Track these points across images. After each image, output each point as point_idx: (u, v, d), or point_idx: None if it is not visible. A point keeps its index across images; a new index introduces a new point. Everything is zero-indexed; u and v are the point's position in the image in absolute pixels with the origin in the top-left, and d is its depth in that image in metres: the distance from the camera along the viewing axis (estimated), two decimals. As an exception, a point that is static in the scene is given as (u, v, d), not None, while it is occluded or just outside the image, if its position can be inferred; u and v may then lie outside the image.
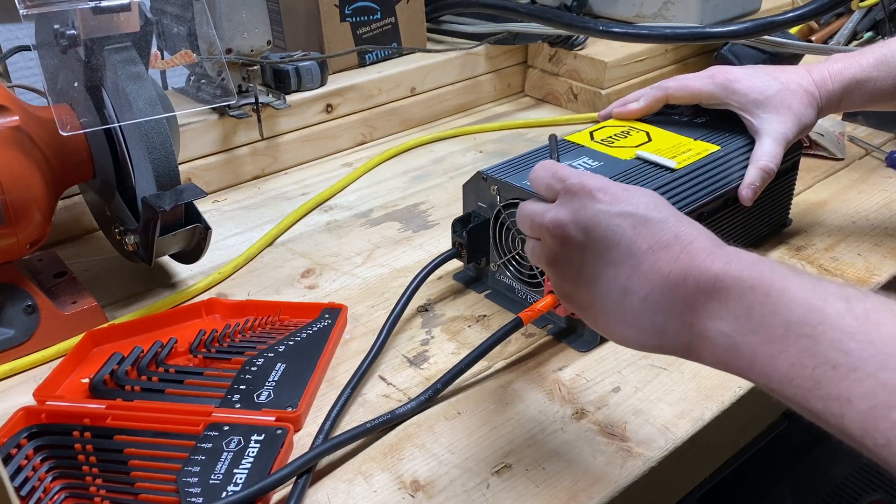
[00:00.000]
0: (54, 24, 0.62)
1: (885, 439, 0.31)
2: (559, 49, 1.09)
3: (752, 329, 0.37)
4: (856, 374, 0.33)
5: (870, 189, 0.84)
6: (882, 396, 0.32)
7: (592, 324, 0.46)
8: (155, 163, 0.61)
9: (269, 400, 0.55)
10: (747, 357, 0.37)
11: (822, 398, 0.34)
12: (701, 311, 0.39)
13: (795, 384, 0.35)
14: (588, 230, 0.43)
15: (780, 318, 0.36)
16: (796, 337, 0.35)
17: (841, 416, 0.33)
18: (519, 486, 0.49)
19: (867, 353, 0.33)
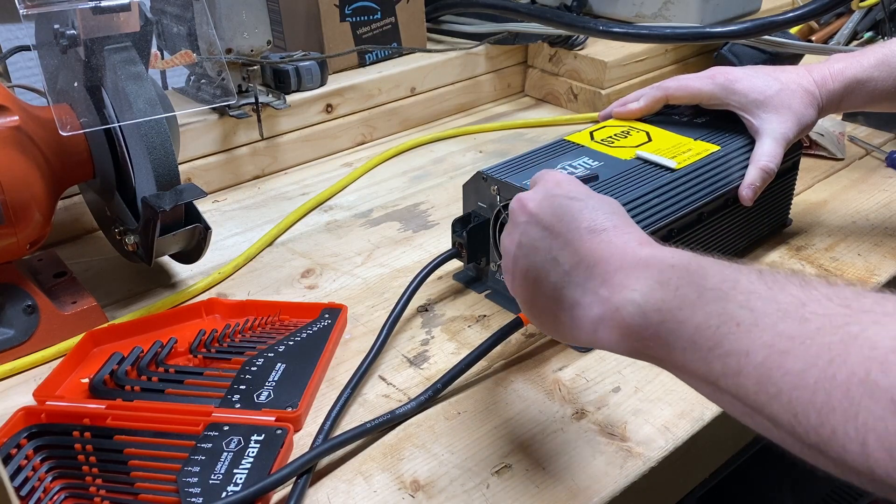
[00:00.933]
0: (54, 24, 0.62)
1: (776, 388, 0.32)
2: (559, 49, 1.09)
3: (664, 298, 0.38)
4: (757, 328, 0.34)
5: (870, 189, 0.84)
6: (778, 345, 0.33)
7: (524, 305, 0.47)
8: (155, 163, 0.61)
9: (269, 400, 0.55)
10: (653, 326, 0.38)
11: (722, 356, 0.35)
12: (617, 286, 0.41)
13: (697, 347, 0.36)
14: (542, 206, 0.46)
15: (694, 286, 0.37)
16: (706, 301, 0.36)
17: (738, 372, 0.34)
18: (519, 486, 0.49)
19: (770, 309, 0.34)
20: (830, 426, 0.30)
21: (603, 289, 0.41)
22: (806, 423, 0.31)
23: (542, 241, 0.45)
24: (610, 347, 0.42)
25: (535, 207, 0.46)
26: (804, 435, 0.31)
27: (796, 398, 0.31)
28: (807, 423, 0.31)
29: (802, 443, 0.31)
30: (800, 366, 0.31)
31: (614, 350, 0.42)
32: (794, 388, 0.31)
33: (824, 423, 0.30)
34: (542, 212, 0.46)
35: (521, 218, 0.47)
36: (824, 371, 0.30)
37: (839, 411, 0.29)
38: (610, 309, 0.40)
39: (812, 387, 0.31)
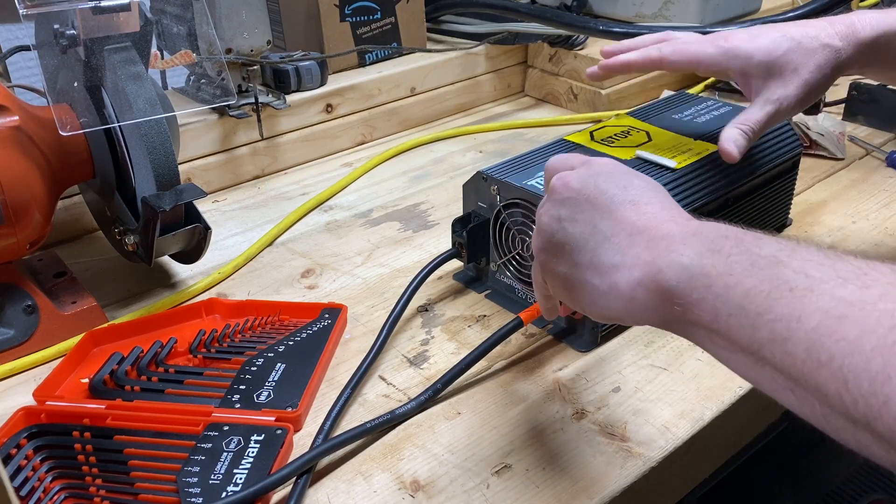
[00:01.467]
0: (54, 24, 0.62)
1: (827, 355, 0.31)
2: (559, 49, 1.09)
3: (714, 263, 0.37)
4: (812, 292, 0.32)
5: (870, 189, 0.84)
6: (834, 310, 0.31)
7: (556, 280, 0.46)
8: (155, 163, 0.61)
9: (268, 400, 0.55)
10: (699, 289, 0.37)
11: (771, 321, 0.33)
12: (662, 250, 0.39)
13: (744, 313, 0.34)
14: (586, 184, 0.45)
15: (748, 254, 0.36)
16: (760, 268, 0.35)
17: (787, 338, 0.32)
18: (519, 486, 0.49)
19: (828, 275, 0.32)
20: (884, 395, 0.28)
21: (646, 253, 0.40)
22: (856, 392, 0.29)
23: (584, 214, 0.44)
24: (644, 315, 0.40)
25: (578, 184, 0.45)
26: (851, 405, 0.29)
27: (849, 365, 0.29)
28: (857, 391, 0.29)
29: (847, 416, 0.30)
30: (857, 332, 0.30)
31: (648, 319, 0.40)
32: (847, 354, 0.30)
33: (877, 393, 0.28)
34: (585, 187, 0.45)
35: (563, 194, 0.46)
36: (884, 338, 0.29)
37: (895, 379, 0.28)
38: (653, 271, 0.39)
39: (868, 354, 0.29)
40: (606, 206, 0.43)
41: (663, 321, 0.40)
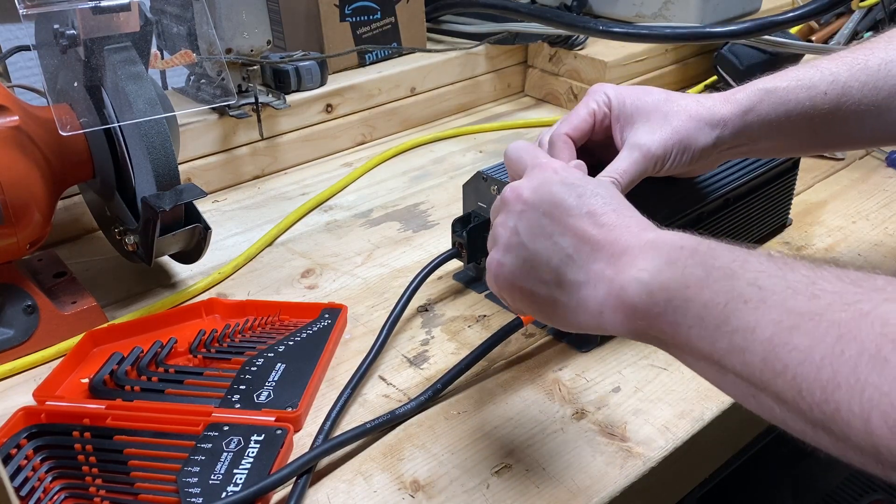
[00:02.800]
0: (54, 24, 0.62)
1: (781, 364, 0.32)
2: (559, 49, 1.09)
3: (672, 276, 0.38)
4: (765, 304, 0.33)
5: (870, 189, 0.84)
6: (786, 321, 0.32)
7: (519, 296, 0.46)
8: (155, 163, 0.61)
9: (268, 400, 0.55)
10: (660, 304, 0.38)
11: (729, 333, 0.34)
12: (623, 266, 0.40)
13: (704, 324, 0.36)
14: (541, 195, 0.45)
15: (703, 265, 0.37)
16: (715, 279, 0.36)
17: (744, 349, 0.34)
18: (519, 486, 0.49)
19: (779, 287, 0.34)
20: (835, 402, 0.29)
21: (609, 269, 0.41)
22: (810, 400, 0.30)
23: (541, 228, 0.44)
24: (614, 329, 0.41)
25: (531, 195, 0.45)
26: (808, 411, 0.31)
27: (801, 374, 0.31)
28: (811, 399, 0.30)
29: (806, 420, 0.31)
30: (807, 342, 0.31)
31: (618, 332, 0.41)
32: (799, 363, 0.31)
33: (828, 400, 0.30)
34: (539, 199, 0.45)
35: (516, 207, 0.46)
36: (832, 347, 0.30)
37: (844, 387, 0.29)
38: (615, 288, 0.40)
39: (818, 363, 0.30)
40: (564, 220, 0.43)
41: (632, 334, 0.41)
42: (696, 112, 0.54)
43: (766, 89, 0.55)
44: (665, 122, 0.54)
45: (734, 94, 0.56)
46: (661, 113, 0.54)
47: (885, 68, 0.54)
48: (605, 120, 0.56)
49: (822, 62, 0.56)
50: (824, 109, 0.55)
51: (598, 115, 0.56)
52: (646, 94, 0.56)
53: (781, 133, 0.56)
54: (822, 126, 0.56)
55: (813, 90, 0.55)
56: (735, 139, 0.55)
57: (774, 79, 0.56)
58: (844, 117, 0.55)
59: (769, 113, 0.55)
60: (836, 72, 0.55)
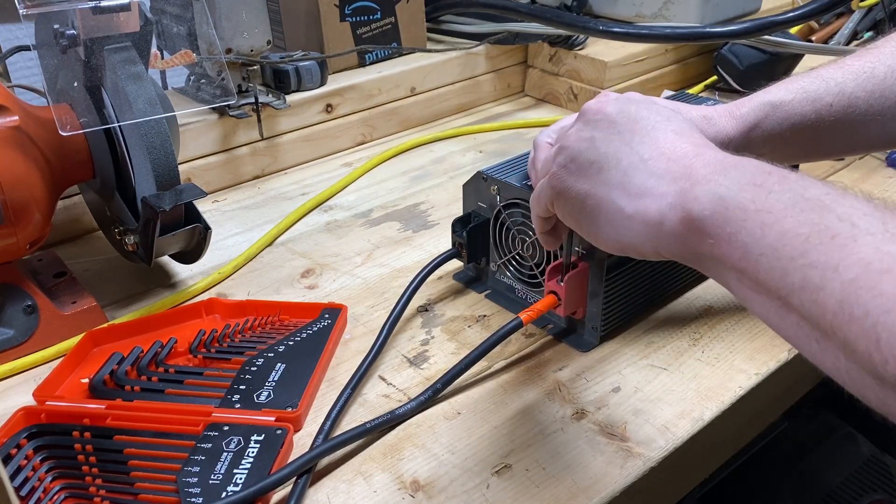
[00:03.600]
0: (54, 24, 0.62)
1: (862, 310, 0.29)
2: (559, 49, 1.09)
3: (753, 198, 0.35)
4: (855, 243, 0.30)
5: (870, 189, 0.84)
6: (877, 263, 0.29)
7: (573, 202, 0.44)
8: (155, 163, 0.61)
9: (268, 400, 0.55)
10: (733, 223, 0.35)
11: (804, 267, 0.31)
12: (702, 179, 0.38)
13: (777, 255, 0.33)
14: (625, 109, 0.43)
15: (791, 193, 0.34)
16: (802, 209, 0.33)
17: (819, 287, 0.31)
18: (519, 486, 0.49)
19: (875, 228, 0.30)
20: None
21: (683, 179, 0.38)
22: (888, 352, 0.28)
23: (620, 135, 0.42)
24: (668, 245, 0.39)
25: (616, 108, 0.43)
26: (881, 364, 0.28)
27: (884, 323, 0.28)
28: (889, 351, 0.28)
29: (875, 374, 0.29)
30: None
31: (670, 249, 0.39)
32: (884, 311, 0.28)
33: None
34: (623, 112, 0.43)
35: (595, 116, 0.44)
36: None
37: None
38: (688, 199, 0.37)
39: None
40: (648, 129, 0.41)
41: (688, 253, 0.38)
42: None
43: (771, 103, 0.54)
44: None
45: (739, 107, 0.55)
46: None
47: (892, 76, 0.53)
48: None
49: (827, 71, 0.55)
50: (830, 121, 0.54)
51: None
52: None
53: (786, 145, 0.55)
54: (826, 136, 0.55)
55: (818, 103, 0.54)
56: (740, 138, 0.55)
57: (779, 91, 0.55)
58: (850, 127, 0.54)
59: (774, 128, 0.54)
60: (841, 82, 0.54)
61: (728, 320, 0.64)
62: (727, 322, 0.64)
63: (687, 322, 0.64)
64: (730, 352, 0.60)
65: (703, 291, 0.68)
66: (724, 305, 0.66)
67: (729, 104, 0.55)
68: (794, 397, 0.67)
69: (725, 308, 0.66)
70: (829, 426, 0.95)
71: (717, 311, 0.65)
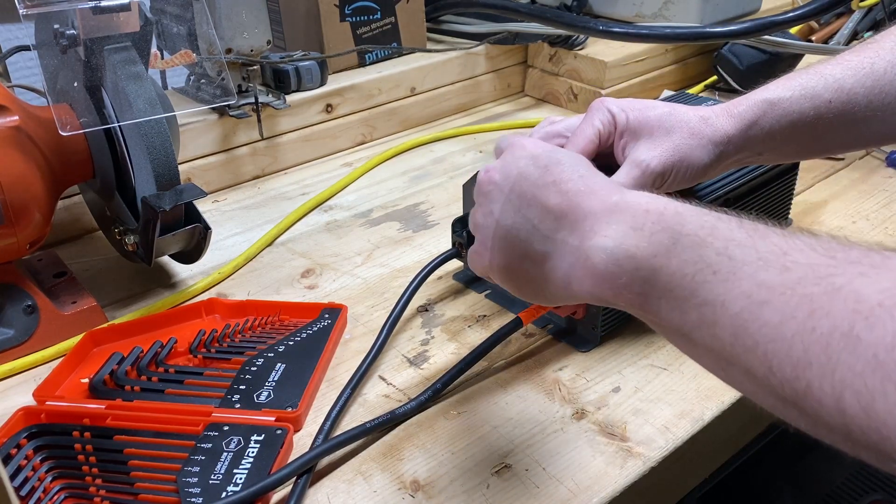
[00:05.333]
0: (54, 24, 0.62)
1: (752, 340, 0.31)
2: (559, 49, 1.09)
3: (637, 244, 0.37)
4: (734, 276, 0.32)
5: (870, 189, 0.84)
6: (756, 295, 0.31)
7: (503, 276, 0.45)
8: (155, 163, 0.61)
9: (268, 400, 0.55)
10: (627, 274, 0.37)
11: (698, 306, 0.34)
12: (587, 233, 0.39)
13: (672, 296, 0.35)
14: (507, 173, 0.45)
15: (669, 232, 0.36)
16: (682, 248, 0.35)
17: (714, 322, 0.33)
18: (519, 486, 0.49)
19: (749, 258, 0.32)
20: (806, 380, 0.29)
21: (572, 237, 0.40)
22: (781, 376, 0.30)
23: (510, 204, 0.44)
24: (584, 299, 0.40)
25: (500, 175, 0.45)
26: (778, 388, 0.30)
27: (772, 351, 0.30)
28: (782, 376, 0.30)
29: (776, 396, 0.31)
30: (778, 318, 0.30)
31: (590, 301, 0.40)
32: (770, 340, 0.30)
33: (799, 378, 0.29)
34: (507, 177, 0.44)
35: (487, 188, 0.46)
36: (803, 324, 0.29)
37: (816, 366, 0.28)
38: (581, 258, 0.39)
39: (789, 340, 0.29)
40: (530, 192, 0.43)
41: (602, 302, 0.40)
42: (699, 130, 0.53)
43: (769, 101, 0.54)
44: (667, 139, 0.53)
45: (736, 105, 0.54)
46: (664, 129, 0.53)
47: (892, 71, 0.53)
48: (609, 138, 0.55)
49: (826, 67, 0.55)
50: (829, 118, 0.54)
51: (604, 135, 0.54)
52: (649, 110, 0.54)
53: (784, 143, 0.55)
54: (826, 133, 0.55)
55: (817, 99, 0.54)
56: (737, 153, 0.55)
57: (777, 88, 0.54)
58: (849, 123, 0.54)
59: (773, 126, 0.54)
60: (840, 78, 0.54)
61: (728, 320, 0.64)
62: (727, 322, 0.64)
63: (687, 322, 0.64)
64: (730, 352, 0.60)
65: (703, 291, 0.68)
66: (724, 305, 0.66)
67: (727, 103, 0.55)
68: (794, 397, 0.67)
69: (725, 308, 0.66)
70: (829, 426, 0.95)
71: (717, 311, 0.65)
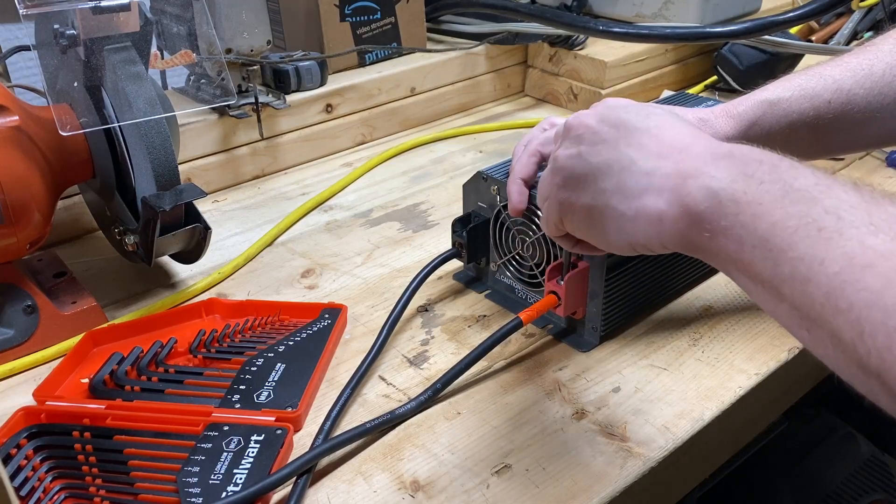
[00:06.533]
0: (54, 24, 0.62)
1: (847, 303, 0.30)
2: (559, 49, 1.09)
3: (745, 189, 0.36)
4: (840, 237, 0.31)
5: (870, 189, 0.84)
6: (860, 258, 0.30)
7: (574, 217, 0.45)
8: (155, 163, 0.61)
9: (268, 400, 0.55)
10: (728, 216, 0.36)
11: (794, 259, 0.33)
12: (693, 172, 0.38)
13: (769, 246, 0.34)
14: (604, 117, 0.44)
15: (781, 184, 0.35)
16: (791, 201, 0.34)
17: (807, 279, 0.32)
18: (519, 486, 0.49)
19: (859, 221, 0.31)
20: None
21: (675, 174, 0.39)
22: (871, 344, 0.29)
23: (606, 143, 0.42)
24: (672, 239, 0.39)
25: (595, 119, 0.44)
26: (865, 356, 0.29)
27: (867, 316, 0.29)
28: (872, 344, 0.29)
29: (860, 365, 0.30)
30: (880, 283, 0.29)
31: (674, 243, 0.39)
32: (867, 305, 0.29)
33: (892, 347, 0.28)
34: (604, 120, 0.43)
35: (580, 130, 0.44)
36: None
37: None
38: (682, 194, 0.38)
39: (888, 308, 0.28)
40: (630, 132, 0.42)
41: (690, 245, 0.39)
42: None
43: (768, 101, 0.54)
44: None
45: (736, 106, 0.55)
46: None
47: (891, 73, 0.53)
48: None
49: (825, 68, 0.55)
50: (828, 118, 0.54)
51: None
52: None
53: (784, 143, 0.55)
54: (825, 134, 0.55)
55: (816, 100, 0.54)
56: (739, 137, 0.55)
57: (777, 88, 0.55)
58: (848, 124, 0.54)
59: (772, 126, 0.54)
60: (839, 79, 0.54)
61: (728, 320, 0.64)
62: (727, 322, 0.64)
63: (687, 322, 0.64)
64: (730, 352, 0.60)
65: (703, 291, 0.68)
66: (723, 305, 0.66)
67: (726, 103, 0.56)
68: (794, 397, 0.67)
69: (725, 308, 0.66)
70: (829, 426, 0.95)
71: (716, 312, 0.65)
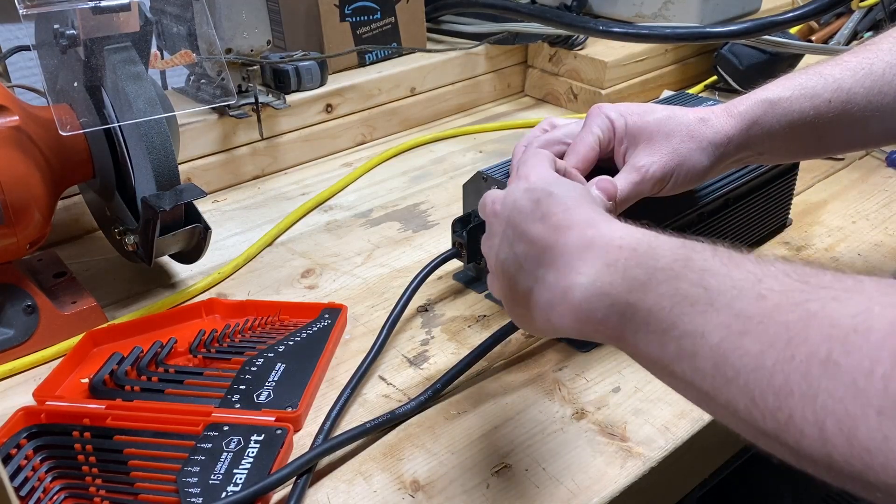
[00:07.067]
0: (54, 24, 0.62)
1: (733, 371, 0.31)
2: (559, 49, 1.09)
3: (611, 281, 0.37)
4: (712, 307, 0.32)
5: (870, 189, 0.84)
6: (735, 326, 0.31)
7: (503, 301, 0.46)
8: (155, 163, 0.61)
9: (268, 400, 0.55)
10: (603, 310, 0.37)
11: (677, 338, 0.34)
12: (563, 270, 0.39)
13: (650, 329, 0.35)
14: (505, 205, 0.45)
15: (643, 267, 0.36)
16: (657, 282, 0.35)
17: (694, 354, 0.33)
18: (519, 486, 0.49)
19: (725, 287, 0.32)
20: (788, 410, 0.28)
21: (550, 274, 0.40)
22: (763, 407, 0.30)
23: (505, 238, 0.44)
24: (568, 333, 0.40)
25: (500, 206, 0.45)
26: (760, 420, 0.30)
27: (753, 381, 0.30)
28: (764, 406, 0.29)
29: (758, 429, 0.30)
30: (758, 347, 0.30)
31: (574, 335, 0.40)
32: (751, 370, 0.30)
33: (782, 407, 0.29)
34: (503, 209, 0.45)
35: (490, 219, 0.47)
36: (782, 352, 0.29)
37: (797, 394, 0.28)
38: (558, 294, 0.39)
39: (770, 369, 0.29)
40: (520, 227, 0.43)
41: (585, 336, 0.40)
42: (698, 132, 0.53)
43: (768, 100, 0.54)
44: (666, 143, 0.53)
45: (736, 105, 0.54)
46: (663, 134, 0.53)
47: (891, 72, 0.53)
48: (609, 144, 0.55)
49: (825, 67, 0.55)
50: (829, 117, 0.54)
51: (604, 142, 0.54)
52: (647, 114, 0.54)
53: (785, 142, 0.55)
54: (825, 133, 0.55)
55: (816, 99, 0.54)
56: (738, 153, 0.55)
57: (777, 87, 0.55)
58: (849, 123, 0.54)
59: (773, 125, 0.54)
60: (839, 78, 0.54)
61: (728, 320, 0.64)
62: (727, 322, 0.64)
63: (687, 322, 0.64)
64: (730, 352, 0.60)
65: (703, 291, 0.68)
66: (724, 305, 0.66)
67: (726, 103, 0.56)
68: (794, 397, 0.67)
69: (725, 308, 0.66)
70: (829, 426, 0.95)
71: (717, 311, 0.65)
